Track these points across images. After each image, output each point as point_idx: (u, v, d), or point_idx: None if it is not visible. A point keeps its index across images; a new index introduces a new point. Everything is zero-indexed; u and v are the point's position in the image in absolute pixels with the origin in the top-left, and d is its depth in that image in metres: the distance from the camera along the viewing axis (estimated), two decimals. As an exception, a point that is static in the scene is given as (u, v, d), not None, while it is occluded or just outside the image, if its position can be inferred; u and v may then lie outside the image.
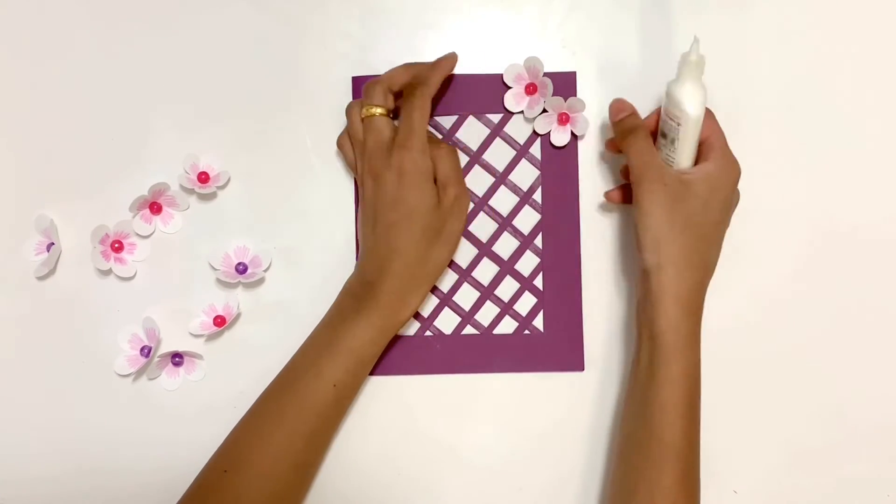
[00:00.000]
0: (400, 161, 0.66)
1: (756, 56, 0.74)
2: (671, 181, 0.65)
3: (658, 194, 0.64)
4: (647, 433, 0.64)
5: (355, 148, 0.69)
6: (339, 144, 0.71)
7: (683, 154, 0.66)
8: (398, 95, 0.69)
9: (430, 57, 0.72)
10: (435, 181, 0.68)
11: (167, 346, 0.72)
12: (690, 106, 0.64)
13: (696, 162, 0.67)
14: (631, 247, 0.73)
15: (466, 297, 0.74)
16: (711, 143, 0.67)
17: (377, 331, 0.67)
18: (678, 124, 0.65)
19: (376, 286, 0.67)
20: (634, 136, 0.66)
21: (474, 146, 0.74)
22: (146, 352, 0.71)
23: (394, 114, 0.69)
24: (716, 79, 0.72)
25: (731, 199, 0.67)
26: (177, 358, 0.72)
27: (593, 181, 0.73)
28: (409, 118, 0.66)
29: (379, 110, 0.68)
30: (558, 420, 0.73)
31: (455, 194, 0.68)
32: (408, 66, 0.70)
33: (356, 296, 0.68)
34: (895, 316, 0.74)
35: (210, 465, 0.67)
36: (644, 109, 0.73)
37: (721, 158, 0.66)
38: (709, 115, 0.67)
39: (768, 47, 0.74)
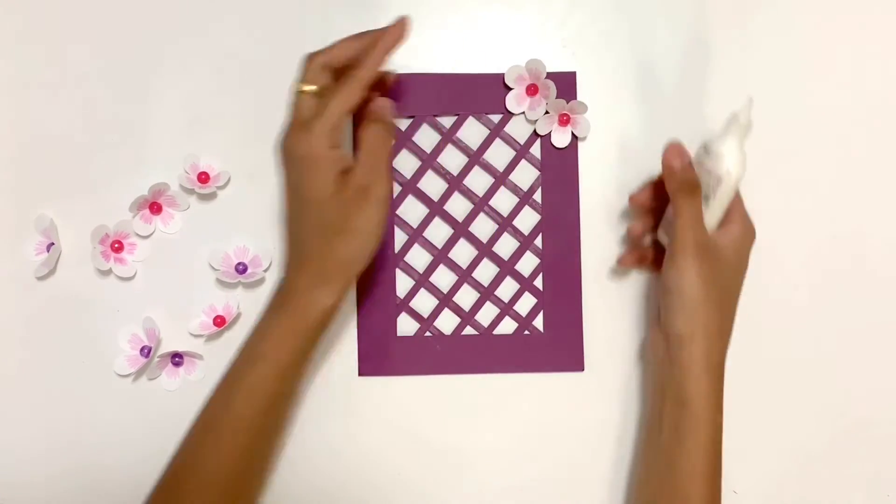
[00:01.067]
0: (299, 145, 0.61)
1: (761, 57, 0.74)
2: (710, 249, 0.63)
3: (703, 266, 0.62)
4: (673, 498, 0.63)
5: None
6: None
7: (716, 214, 0.65)
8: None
9: (430, 56, 0.72)
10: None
11: (167, 347, 0.72)
12: (736, 165, 0.64)
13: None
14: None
15: (466, 297, 0.74)
16: (735, 205, 0.66)
17: (286, 332, 0.63)
18: (718, 183, 0.64)
19: (284, 283, 0.64)
20: (693, 196, 0.63)
21: (474, 146, 0.74)
22: (146, 352, 0.71)
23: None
24: (721, 84, 0.72)
25: (747, 263, 0.66)
26: (177, 358, 0.72)
27: (593, 182, 0.73)
28: (325, 103, 0.61)
29: (307, 87, 0.63)
30: (558, 420, 0.73)
31: (361, 184, 0.62)
32: (356, 37, 0.64)
33: (273, 294, 0.65)
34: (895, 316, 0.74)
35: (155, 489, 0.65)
36: (644, 109, 0.73)
37: (744, 221, 0.66)
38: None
39: (772, 48, 0.74)
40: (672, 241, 0.63)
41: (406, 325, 0.74)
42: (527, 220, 0.74)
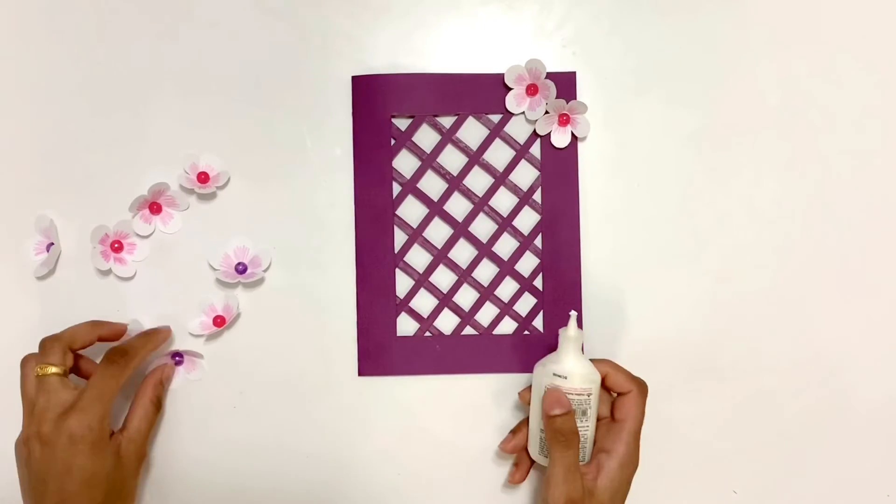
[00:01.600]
0: (75, 426, 0.63)
1: (761, 56, 0.74)
2: (583, 499, 0.64)
3: None
4: None
5: (24, 406, 0.66)
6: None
7: (595, 423, 0.67)
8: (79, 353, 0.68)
9: (430, 56, 0.72)
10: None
11: (166, 348, 0.72)
12: (594, 372, 0.66)
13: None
14: (629, 246, 0.74)
15: (466, 297, 0.74)
16: (625, 429, 0.66)
17: None
18: (588, 395, 0.66)
19: None
20: (568, 448, 0.64)
21: (474, 146, 0.73)
22: None
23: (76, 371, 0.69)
24: (722, 83, 0.72)
25: (627, 493, 0.66)
26: (177, 357, 0.72)
27: (593, 182, 0.73)
28: (99, 385, 0.64)
29: (54, 369, 0.65)
30: (558, 420, 0.73)
31: (133, 451, 0.67)
32: (94, 325, 0.69)
33: None
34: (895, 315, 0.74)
35: None
36: (644, 110, 0.73)
37: (628, 457, 0.66)
38: (642, 392, 0.67)
39: (767, 46, 0.74)
40: (545, 489, 0.65)
41: (406, 325, 0.74)
42: (527, 220, 0.74)
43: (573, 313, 0.67)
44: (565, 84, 0.72)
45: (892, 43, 0.74)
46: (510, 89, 0.72)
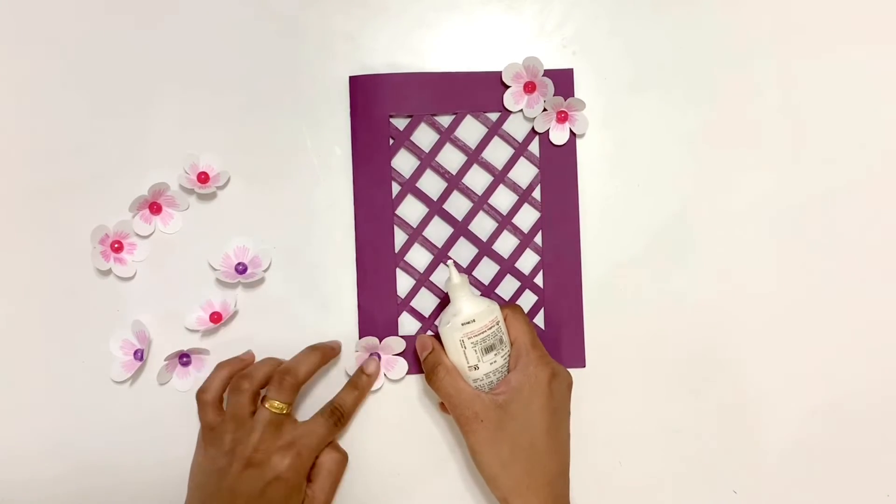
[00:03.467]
0: (286, 469, 0.65)
1: (761, 55, 0.74)
2: (486, 413, 0.65)
3: (478, 433, 0.65)
4: None
5: (229, 415, 0.67)
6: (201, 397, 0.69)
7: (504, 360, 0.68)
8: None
9: (429, 56, 0.72)
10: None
11: (165, 346, 0.72)
12: (490, 302, 0.67)
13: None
14: (629, 243, 0.74)
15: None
16: (518, 348, 0.67)
17: None
18: (497, 324, 0.67)
19: None
20: (436, 374, 0.67)
21: (473, 144, 0.74)
22: (139, 355, 0.71)
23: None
24: (722, 82, 0.72)
25: (552, 399, 0.66)
26: (184, 358, 0.72)
27: (592, 179, 0.73)
28: (319, 437, 0.67)
29: (287, 409, 0.67)
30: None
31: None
32: (315, 353, 0.70)
33: None
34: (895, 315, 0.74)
35: None
36: (644, 108, 0.73)
37: (528, 366, 0.66)
38: (515, 312, 0.68)
39: (767, 44, 0.74)
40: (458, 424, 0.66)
41: (407, 325, 0.74)
42: (526, 217, 0.74)
43: (450, 263, 0.68)
44: (563, 81, 0.73)
45: (892, 42, 0.74)
46: (508, 87, 0.72)
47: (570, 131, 0.73)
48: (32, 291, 0.73)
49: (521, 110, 0.73)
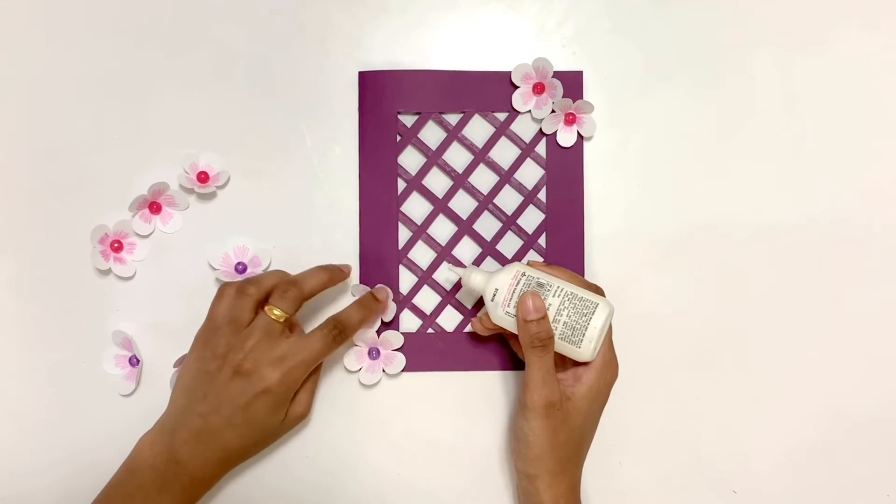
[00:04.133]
0: (274, 381, 0.64)
1: (762, 55, 0.73)
2: (561, 403, 0.65)
3: (550, 419, 0.64)
4: None
5: (223, 317, 0.66)
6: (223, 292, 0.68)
7: (592, 343, 0.65)
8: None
9: (429, 55, 0.72)
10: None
11: (165, 347, 0.72)
12: (507, 271, 0.66)
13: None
14: (633, 245, 0.73)
15: (469, 295, 0.73)
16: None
17: None
18: (523, 275, 0.66)
19: (190, 473, 0.64)
20: (545, 352, 0.64)
21: (480, 144, 0.73)
22: (134, 360, 0.71)
23: None
24: (725, 82, 0.71)
25: (606, 400, 0.68)
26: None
27: (598, 182, 0.73)
28: (312, 352, 0.66)
29: (285, 316, 0.66)
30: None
31: (296, 419, 0.68)
32: (324, 271, 0.69)
33: (159, 472, 0.64)
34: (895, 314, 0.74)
35: None
36: (647, 110, 0.73)
37: (606, 362, 0.66)
38: (548, 265, 0.69)
39: (771, 43, 0.73)
40: (524, 393, 0.65)
41: (408, 322, 0.73)
42: (531, 218, 0.73)
43: (450, 267, 0.70)
44: (572, 83, 0.72)
45: (892, 42, 0.73)
46: (517, 87, 0.72)
47: (578, 133, 0.72)
48: (32, 291, 0.72)
49: (530, 111, 0.72)
